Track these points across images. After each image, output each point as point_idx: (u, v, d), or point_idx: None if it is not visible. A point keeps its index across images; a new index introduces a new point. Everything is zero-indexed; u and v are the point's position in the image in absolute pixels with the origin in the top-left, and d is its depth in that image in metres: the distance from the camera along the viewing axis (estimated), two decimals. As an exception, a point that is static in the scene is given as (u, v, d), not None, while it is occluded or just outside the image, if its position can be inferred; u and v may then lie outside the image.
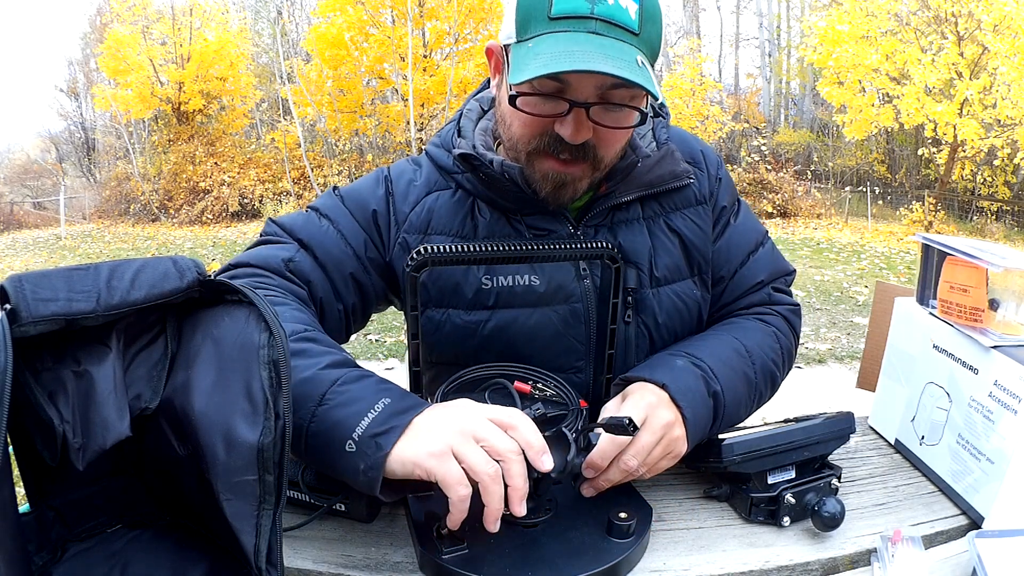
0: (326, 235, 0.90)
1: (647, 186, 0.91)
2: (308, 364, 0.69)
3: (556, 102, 0.77)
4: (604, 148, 0.82)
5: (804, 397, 3.81)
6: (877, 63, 13.47)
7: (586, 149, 0.81)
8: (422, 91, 15.45)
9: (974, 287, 0.78)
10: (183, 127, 18.25)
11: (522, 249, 0.68)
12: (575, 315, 0.91)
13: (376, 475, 0.62)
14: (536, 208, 0.90)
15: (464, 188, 0.93)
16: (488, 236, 0.91)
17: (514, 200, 0.90)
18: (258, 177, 16.98)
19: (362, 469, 0.62)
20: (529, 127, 0.81)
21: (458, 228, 0.91)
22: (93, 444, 0.52)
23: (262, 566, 0.56)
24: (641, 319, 0.93)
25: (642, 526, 0.69)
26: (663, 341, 0.94)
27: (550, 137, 0.80)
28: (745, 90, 24.09)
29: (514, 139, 0.85)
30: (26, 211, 20.19)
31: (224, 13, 19.58)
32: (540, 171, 0.84)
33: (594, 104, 0.77)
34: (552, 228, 0.91)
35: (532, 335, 0.90)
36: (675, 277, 0.94)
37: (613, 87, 0.76)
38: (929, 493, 0.82)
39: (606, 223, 0.92)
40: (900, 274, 8.13)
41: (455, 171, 0.93)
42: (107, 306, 0.52)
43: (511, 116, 0.83)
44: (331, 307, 0.90)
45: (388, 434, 0.62)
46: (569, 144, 0.79)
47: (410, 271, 0.67)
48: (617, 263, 0.73)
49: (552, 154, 0.82)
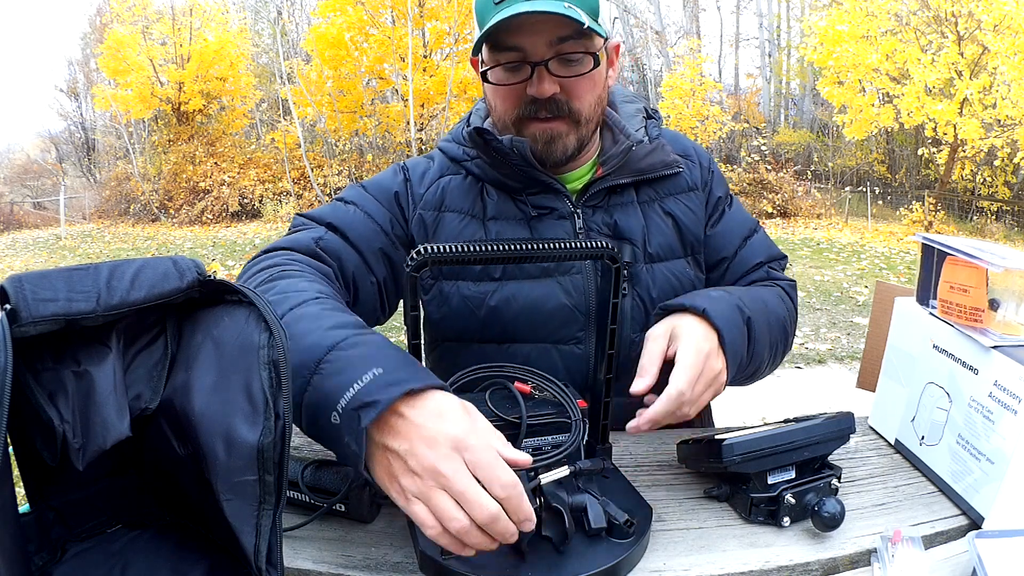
0: (353, 217, 0.98)
1: (640, 172, 1.01)
2: (311, 327, 0.66)
3: (518, 69, 0.90)
4: (575, 100, 0.92)
5: (804, 397, 3.82)
6: (877, 63, 13.48)
7: (559, 104, 0.91)
8: (422, 91, 15.45)
9: (974, 287, 0.78)
10: (183, 127, 18.24)
11: (522, 249, 0.68)
12: (576, 287, 0.98)
13: (359, 451, 0.56)
14: (540, 186, 0.99)
15: (473, 174, 1.02)
16: (496, 215, 1.00)
17: (520, 178, 0.98)
18: (258, 177, 16.98)
19: (346, 442, 0.57)
20: (506, 99, 0.93)
21: (469, 207, 1.01)
22: (93, 444, 0.52)
23: (262, 566, 0.56)
24: (636, 292, 1.00)
25: (642, 526, 0.69)
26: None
27: (525, 102, 0.92)
28: (745, 90, 24.09)
29: (501, 116, 0.96)
30: (26, 211, 20.19)
31: (224, 13, 19.57)
32: (529, 135, 0.94)
33: (550, 59, 0.88)
34: (554, 206, 0.99)
35: (536, 306, 0.97)
36: (668, 256, 1.03)
37: (561, 40, 0.87)
38: (929, 493, 0.82)
39: (603, 204, 1.01)
40: (900, 274, 8.12)
41: (465, 159, 1.02)
42: (107, 306, 0.52)
43: (492, 96, 0.96)
44: (364, 280, 0.96)
45: (370, 408, 0.56)
46: (543, 102, 0.90)
47: (410, 271, 0.67)
48: (617, 263, 0.73)
49: (532, 116, 0.92)
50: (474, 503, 0.54)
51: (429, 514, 0.55)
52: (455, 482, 0.54)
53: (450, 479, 0.54)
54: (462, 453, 0.55)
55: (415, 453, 0.56)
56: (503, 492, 0.54)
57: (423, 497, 0.55)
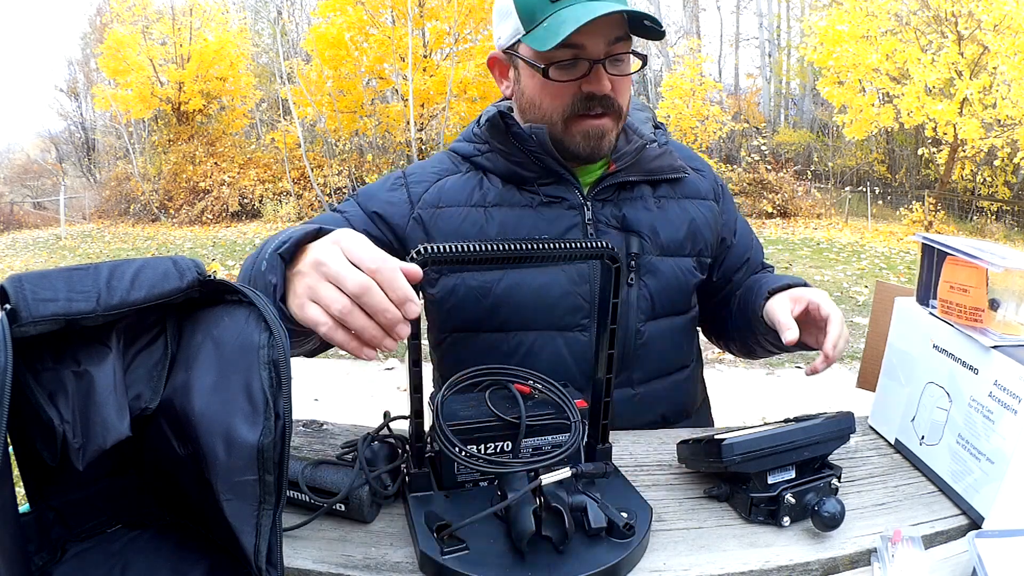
0: (335, 221, 1.02)
1: (649, 172, 1.06)
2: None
3: (573, 66, 0.93)
4: (620, 97, 0.97)
5: (804, 397, 3.82)
6: (877, 63, 13.48)
7: (610, 100, 0.95)
8: (422, 91, 15.44)
9: (974, 287, 0.77)
10: (183, 127, 18.24)
11: (522, 248, 0.68)
12: (581, 275, 1.01)
13: (276, 281, 0.65)
14: (553, 176, 1.02)
15: (480, 167, 1.05)
16: (498, 203, 1.02)
17: (535, 167, 1.01)
18: (258, 177, 16.98)
19: (268, 279, 0.65)
20: (560, 96, 0.95)
21: (466, 199, 1.03)
22: (93, 444, 0.52)
23: (262, 566, 0.56)
24: (644, 282, 1.04)
25: (642, 526, 0.69)
26: (662, 306, 1.05)
27: (579, 98, 0.95)
28: (745, 90, 24.09)
29: (548, 112, 0.97)
30: (26, 211, 20.20)
31: (224, 13, 19.57)
32: (579, 131, 0.97)
33: (606, 58, 0.92)
34: (565, 196, 1.02)
35: (541, 293, 1.00)
36: (676, 251, 1.06)
37: (616, 41, 0.92)
38: (929, 493, 0.82)
39: (612, 198, 1.05)
40: (900, 274, 8.12)
41: (475, 154, 1.06)
42: (107, 306, 0.52)
43: (540, 94, 0.97)
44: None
45: (284, 244, 0.66)
46: (598, 98, 0.94)
47: (410, 271, 0.67)
48: (617, 263, 0.73)
49: (585, 112, 0.96)
50: (346, 278, 0.60)
51: (320, 310, 0.62)
52: (331, 265, 0.61)
53: (326, 263, 0.62)
54: (339, 244, 0.63)
55: (306, 260, 0.65)
56: (372, 265, 0.61)
57: (312, 294, 0.63)
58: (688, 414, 1.13)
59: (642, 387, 1.06)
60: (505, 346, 1.01)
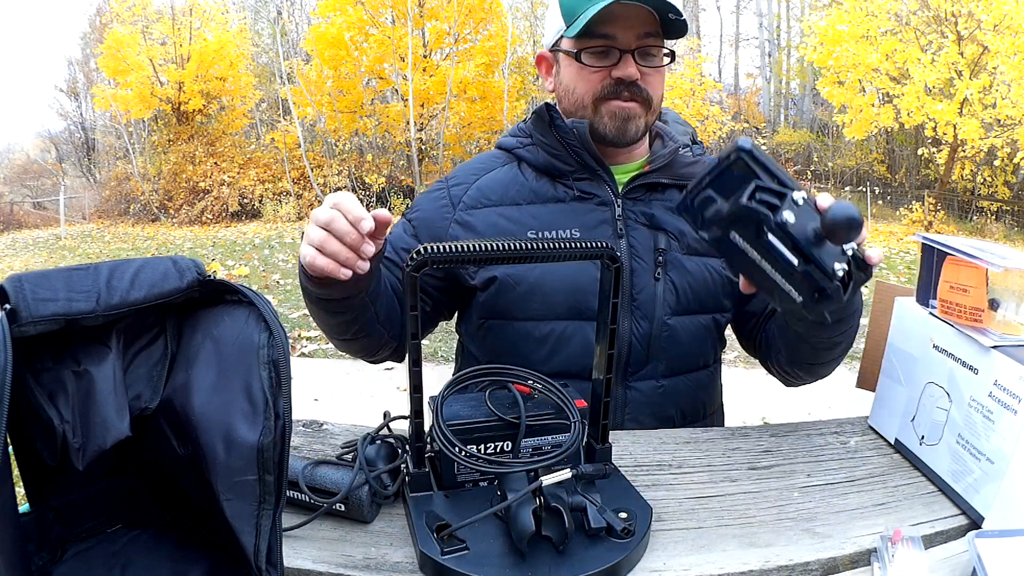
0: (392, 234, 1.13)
1: (680, 177, 1.10)
2: None
3: (606, 54, 1.01)
4: (651, 88, 1.04)
5: (804, 397, 3.81)
6: (877, 63, 13.47)
7: (639, 88, 1.02)
8: (422, 91, 15.44)
9: (974, 287, 0.77)
10: (183, 127, 18.24)
11: (523, 248, 0.68)
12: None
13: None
14: (588, 172, 1.08)
15: (518, 158, 1.12)
16: (532, 200, 1.08)
17: (572, 161, 1.07)
18: (258, 177, 16.97)
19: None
20: (591, 81, 1.03)
21: (501, 194, 1.09)
22: (93, 444, 0.52)
23: (262, 566, 0.56)
24: (670, 277, 1.06)
25: (642, 526, 0.69)
26: (688, 302, 1.07)
27: (610, 83, 1.02)
28: (745, 90, 24.09)
29: (580, 97, 1.05)
30: (26, 211, 20.20)
31: (224, 13, 19.56)
32: (607, 112, 1.04)
33: (636, 49, 1.00)
34: (597, 193, 1.07)
35: (572, 282, 1.03)
36: (703, 252, 1.08)
37: (646, 36, 1.00)
38: (929, 493, 0.82)
39: (644, 197, 1.09)
40: (900, 274, 8.12)
41: (518, 147, 1.12)
42: (107, 306, 0.52)
43: (575, 80, 1.05)
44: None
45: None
46: (627, 83, 1.01)
47: (409, 271, 0.67)
48: (617, 263, 0.73)
49: (615, 95, 1.03)
50: (319, 215, 0.79)
51: (308, 247, 0.79)
52: (315, 212, 0.80)
53: (315, 213, 0.80)
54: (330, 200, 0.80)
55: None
56: (332, 200, 0.79)
57: (305, 238, 0.80)
58: (704, 415, 1.15)
59: (666, 380, 1.08)
60: (537, 333, 1.04)
